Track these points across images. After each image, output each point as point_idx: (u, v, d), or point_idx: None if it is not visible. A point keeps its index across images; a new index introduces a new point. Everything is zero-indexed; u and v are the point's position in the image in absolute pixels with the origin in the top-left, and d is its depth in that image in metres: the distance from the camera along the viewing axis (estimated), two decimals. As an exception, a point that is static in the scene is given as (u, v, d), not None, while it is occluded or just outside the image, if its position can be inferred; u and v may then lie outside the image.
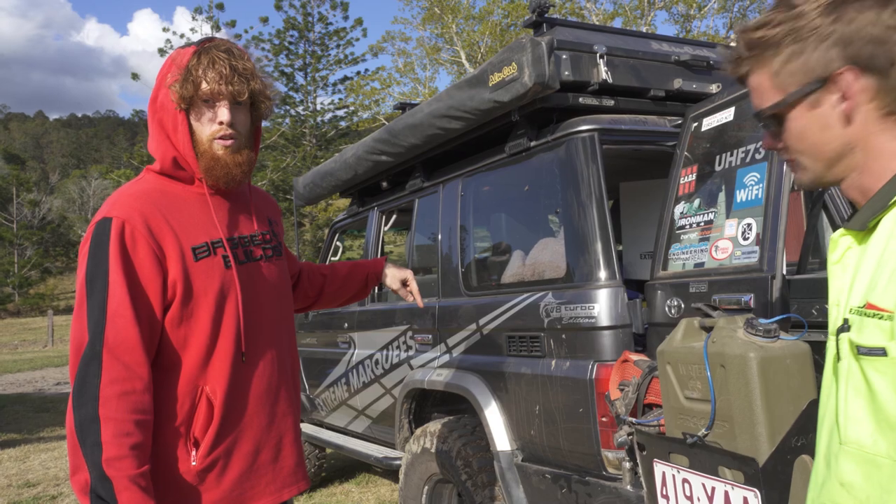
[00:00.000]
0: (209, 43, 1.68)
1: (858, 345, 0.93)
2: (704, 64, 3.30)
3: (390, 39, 25.31)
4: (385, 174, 4.20)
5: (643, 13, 21.50)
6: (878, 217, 0.97)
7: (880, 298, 0.91)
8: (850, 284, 1.00)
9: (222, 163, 1.66)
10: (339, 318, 4.66)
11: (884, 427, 0.91)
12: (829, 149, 1.00)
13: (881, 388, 0.91)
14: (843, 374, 0.98)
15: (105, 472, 1.43)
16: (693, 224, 2.48)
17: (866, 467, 0.93)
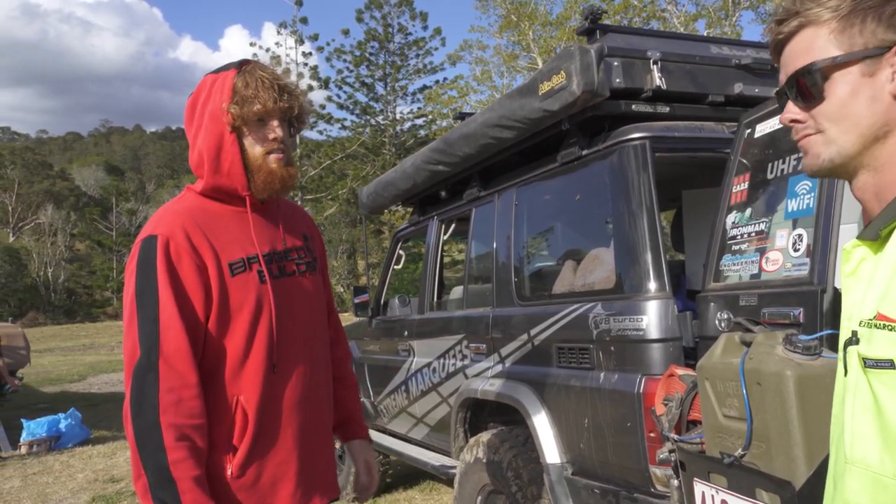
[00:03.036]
0: (249, 65, 1.75)
1: (866, 357, 0.90)
2: (768, 67, 3.18)
3: (468, 48, 25.41)
4: (443, 183, 4.23)
5: (728, 14, 20.79)
6: (891, 225, 0.92)
7: (891, 309, 0.87)
8: (863, 297, 0.95)
9: (279, 176, 1.74)
10: (400, 326, 4.72)
11: (891, 445, 0.86)
12: (868, 123, 0.94)
13: (888, 402, 0.86)
14: (850, 389, 0.94)
15: (171, 475, 1.51)
16: (745, 234, 2.39)
17: (872, 488, 0.89)
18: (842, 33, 0.94)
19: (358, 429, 2.07)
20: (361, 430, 2.08)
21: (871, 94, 0.93)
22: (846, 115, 0.95)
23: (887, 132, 0.93)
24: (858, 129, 0.94)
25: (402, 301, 5.13)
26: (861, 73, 0.94)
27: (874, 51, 0.92)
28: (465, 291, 4.13)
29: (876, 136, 0.94)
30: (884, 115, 0.93)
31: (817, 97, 0.97)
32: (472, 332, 3.76)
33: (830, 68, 0.95)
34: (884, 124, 0.93)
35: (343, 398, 2.02)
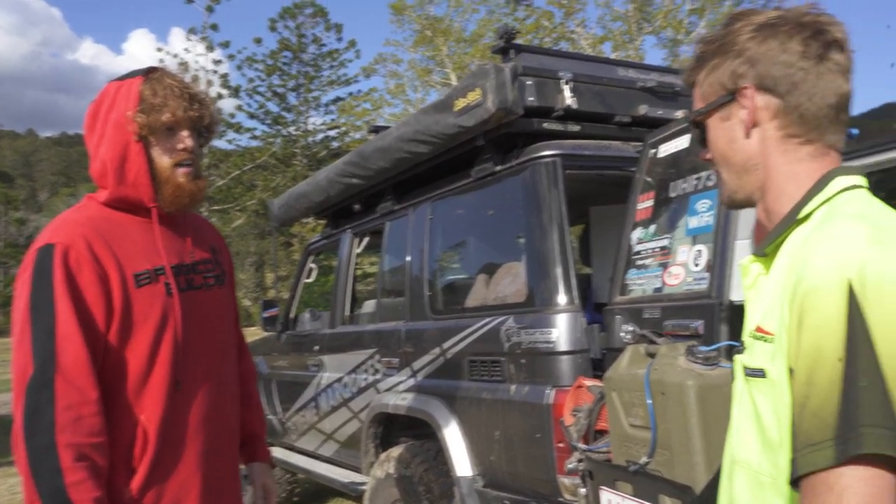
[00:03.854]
0: (156, 72, 1.69)
1: (746, 366, 0.98)
2: (670, 90, 3.34)
3: (382, 61, 25.41)
4: (357, 196, 4.20)
5: (632, 38, 21.73)
6: (777, 242, 1.00)
7: (768, 321, 0.94)
8: (752, 313, 1.03)
9: (187, 190, 1.69)
10: (311, 341, 4.63)
11: (765, 447, 0.93)
12: (735, 161, 1.04)
13: (763, 409, 0.93)
14: (737, 395, 1.02)
15: (69, 498, 1.41)
16: (649, 250, 2.49)
17: (753, 486, 0.97)
18: (701, 87, 1.07)
19: (260, 451, 1.99)
20: (263, 453, 1.99)
21: (729, 136, 1.04)
22: (721, 157, 1.07)
23: (755, 164, 1.03)
24: (733, 167, 1.05)
25: (312, 315, 5.04)
26: (720, 120, 1.05)
27: (720, 100, 1.04)
28: (378, 305, 4.10)
29: (745, 169, 1.04)
30: (745, 152, 1.03)
31: (704, 144, 1.10)
32: (385, 347, 3.74)
33: (698, 120, 1.09)
34: (747, 158, 1.03)
35: (247, 417, 1.93)
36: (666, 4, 21.40)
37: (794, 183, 1.00)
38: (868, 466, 0.76)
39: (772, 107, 1.00)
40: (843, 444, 0.77)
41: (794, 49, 0.98)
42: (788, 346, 0.87)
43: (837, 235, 0.87)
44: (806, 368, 0.83)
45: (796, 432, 0.82)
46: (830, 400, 0.79)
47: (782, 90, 0.99)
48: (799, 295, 0.86)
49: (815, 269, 0.85)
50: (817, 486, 0.79)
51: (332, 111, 28.22)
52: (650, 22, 21.60)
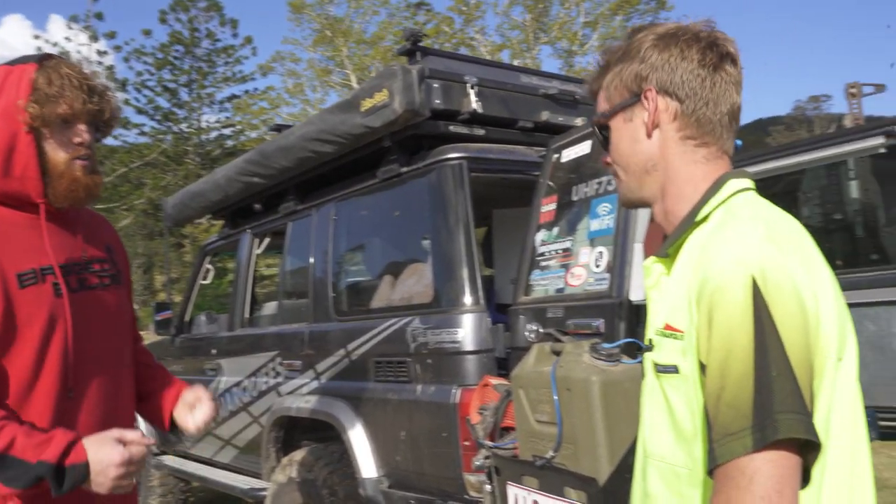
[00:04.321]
0: (52, 60, 1.59)
1: (657, 363, 1.01)
2: (571, 98, 3.46)
3: (280, 59, 24.86)
4: (257, 196, 4.09)
5: (529, 47, 22.33)
6: (678, 242, 1.06)
7: (674, 319, 0.99)
8: (657, 311, 1.08)
9: (83, 184, 1.59)
10: (208, 344, 4.47)
11: (680, 440, 0.98)
12: (636, 161, 1.10)
13: (676, 403, 0.98)
14: (647, 391, 1.06)
15: None
16: (552, 251, 2.57)
17: (667, 478, 1.00)
18: (606, 91, 1.13)
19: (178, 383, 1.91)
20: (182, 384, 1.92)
21: (632, 137, 1.10)
22: (621, 157, 1.12)
23: (655, 164, 1.09)
24: (633, 168, 1.11)
25: (209, 318, 4.87)
26: (624, 121, 1.11)
27: (625, 102, 1.10)
28: (280, 307, 4.01)
29: (646, 169, 1.09)
30: (646, 152, 1.09)
31: (607, 145, 1.15)
32: (287, 349, 3.66)
33: (602, 121, 1.14)
34: (648, 159, 1.09)
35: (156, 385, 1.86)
36: (561, 16, 22.16)
37: (692, 185, 1.06)
38: (777, 450, 0.82)
39: (671, 109, 1.06)
40: (759, 431, 0.81)
41: (693, 57, 1.05)
42: (699, 343, 0.91)
43: (737, 236, 0.93)
44: (718, 362, 0.87)
45: (713, 423, 0.86)
46: (744, 391, 0.84)
47: (682, 94, 1.06)
48: (706, 293, 0.90)
49: (720, 268, 0.90)
50: (730, 472, 0.83)
51: (227, 109, 27.28)
52: (546, 32, 22.28)
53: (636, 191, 1.12)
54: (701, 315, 0.91)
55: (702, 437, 0.93)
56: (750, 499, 0.81)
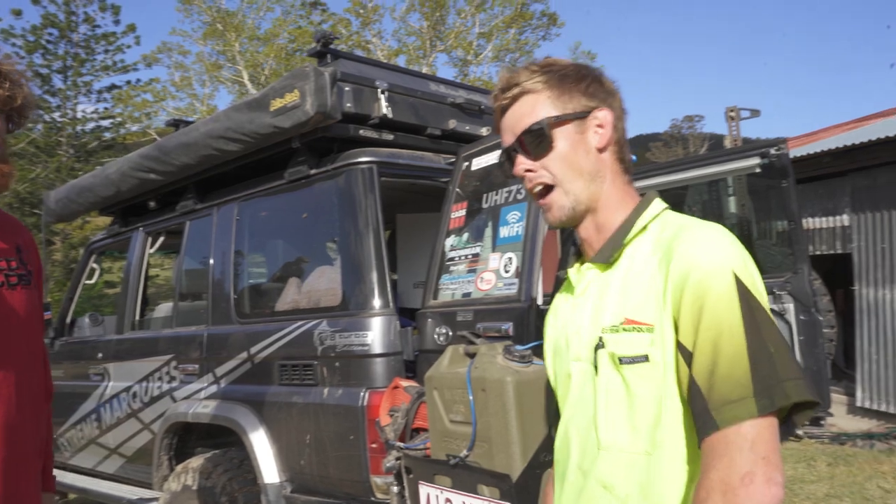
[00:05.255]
0: None
1: (621, 356, 1.07)
2: (477, 108, 3.56)
3: (166, 51, 23.77)
4: (153, 193, 3.93)
5: (425, 53, 22.53)
6: (620, 250, 1.14)
7: (638, 314, 1.07)
8: (596, 311, 1.14)
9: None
10: (92, 348, 4.24)
11: (640, 426, 1.05)
12: (588, 170, 1.16)
13: (641, 390, 1.05)
14: (601, 386, 1.11)
15: None
16: (462, 256, 2.64)
17: (625, 466, 1.07)
18: (557, 99, 1.16)
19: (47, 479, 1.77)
20: (51, 481, 1.79)
21: (584, 148, 1.16)
22: (569, 165, 1.16)
23: (602, 178, 1.17)
24: (581, 177, 1.16)
25: (93, 320, 4.62)
26: (575, 131, 1.16)
27: (581, 113, 1.16)
28: (175, 309, 3.87)
29: (595, 181, 1.16)
30: (596, 163, 1.16)
31: (546, 149, 1.16)
32: (183, 353, 3.54)
33: (554, 124, 1.15)
34: (596, 170, 1.16)
35: None
36: (457, 25, 22.51)
37: (623, 201, 1.18)
38: (773, 416, 0.94)
39: (614, 134, 1.18)
40: (767, 398, 0.93)
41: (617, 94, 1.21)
42: (681, 329, 1.01)
43: (709, 239, 1.04)
44: (710, 342, 0.97)
45: (707, 396, 0.96)
46: (740, 364, 0.95)
47: (620, 124, 1.19)
48: (692, 285, 1.00)
49: (704, 262, 1.01)
50: (730, 437, 0.93)
51: (106, 99, 25.75)
52: (443, 40, 22.56)
53: (583, 201, 1.16)
54: (685, 305, 1.00)
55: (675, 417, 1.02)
56: (754, 458, 0.91)
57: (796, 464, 5.94)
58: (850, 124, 10.86)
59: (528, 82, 1.17)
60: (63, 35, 25.10)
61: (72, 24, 25.09)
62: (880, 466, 5.72)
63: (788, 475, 5.62)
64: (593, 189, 1.16)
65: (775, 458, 0.93)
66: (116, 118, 25.54)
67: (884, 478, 5.44)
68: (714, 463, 0.94)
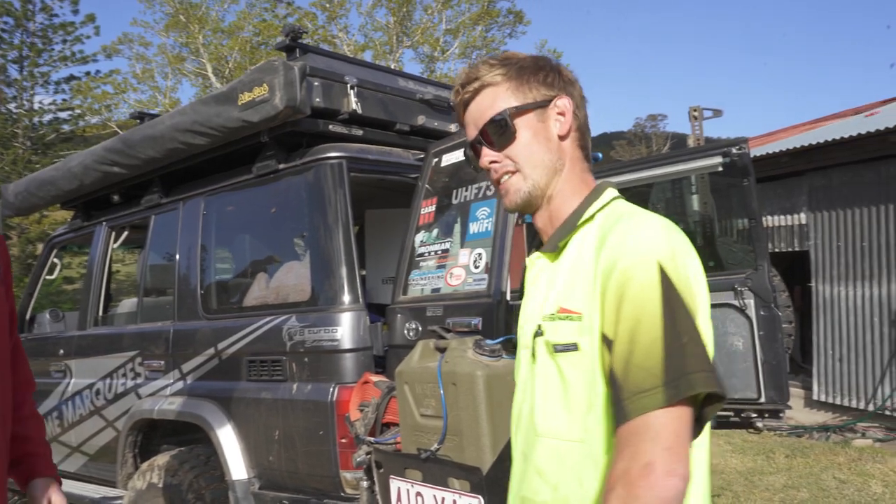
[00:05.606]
0: None
1: (555, 343, 1.09)
2: (446, 104, 3.57)
3: (127, 42, 23.29)
4: (117, 187, 3.87)
5: (392, 49, 22.46)
6: (567, 238, 1.16)
7: (571, 303, 1.08)
8: (545, 297, 1.16)
9: None
10: (54, 344, 4.15)
11: (574, 415, 1.06)
12: (549, 158, 1.17)
13: (574, 379, 1.06)
14: (539, 374, 1.12)
15: None
16: (431, 252, 2.65)
17: (558, 454, 1.08)
18: (517, 90, 1.18)
19: (39, 466, 1.69)
20: (46, 466, 1.70)
21: (545, 136, 1.17)
22: (532, 153, 1.17)
23: (561, 167, 1.18)
24: (543, 164, 1.17)
25: (54, 316, 4.53)
26: (537, 120, 1.18)
27: (541, 102, 1.17)
28: (140, 305, 3.81)
29: (556, 169, 1.18)
30: (557, 151, 1.18)
31: (509, 138, 1.17)
32: (148, 349, 3.49)
33: (515, 114, 1.17)
34: (558, 158, 1.18)
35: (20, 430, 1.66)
36: (424, 22, 22.48)
37: (578, 190, 1.19)
38: (681, 406, 0.93)
39: (574, 122, 1.19)
40: (673, 388, 0.93)
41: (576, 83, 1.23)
42: (605, 318, 1.01)
43: (640, 227, 1.05)
44: (628, 331, 0.98)
45: (622, 385, 0.96)
46: (654, 354, 0.95)
47: (580, 112, 1.21)
48: (615, 274, 1.01)
49: (631, 252, 1.01)
50: (638, 427, 0.93)
51: (64, 91, 25.14)
52: (409, 36, 22.51)
53: (542, 187, 1.17)
54: (609, 293, 1.01)
55: (603, 406, 1.03)
56: (656, 449, 0.91)
57: (756, 456, 6.10)
58: (808, 125, 11.14)
59: (488, 76, 1.19)
60: (19, 24, 24.41)
61: (28, 13, 24.42)
62: (836, 458, 5.91)
63: (748, 467, 5.77)
64: (552, 176, 1.17)
65: (680, 449, 0.92)
66: (75, 110, 24.97)
67: (839, 469, 5.62)
68: (620, 453, 0.95)
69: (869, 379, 7.10)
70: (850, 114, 10.66)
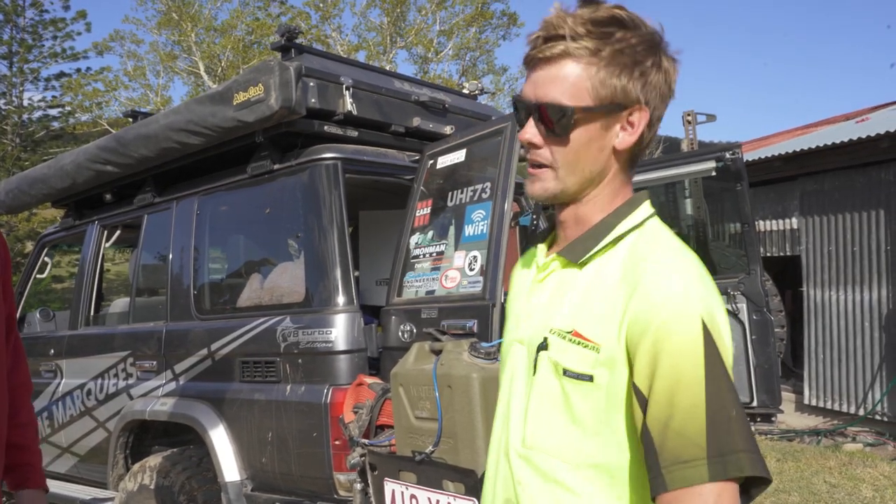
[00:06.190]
0: None
1: (566, 368, 1.00)
2: (441, 106, 3.57)
3: (119, 39, 23.19)
4: (110, 186, 3.85)
5: (386, 49, 22.45)
6: (593, 254, 1.04)
7: (588, 330, 0.99)
8: (549, 305, 1.07)
9: None
10: (44, 345, 4.13)
11: (572, 436, 1.00)
12: (591, 169, 1.03)
13: (579, 406, 0.99)
14: (538, 386, 1.04)
15: None
16: (426, 254, 2.65)
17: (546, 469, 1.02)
18: (599, 81, 0.98)
19: (31, 476, 1.68)
20: (35, 478, 1.69)
21: (601, 145, 1.02)
22: (578, 160, 1.02)
23: (602, 177, 1.05)
24: (583, 173, 1.03)
25: (44, 315, 4.50)
26: (601, 126, 1.01)
27: (617, 107, 0.99)
28: (132, 305, 3.79)
29: (593, 180, 1.04)
30: (604, 164, 1.03)
31: (561, 134, 1.01)
32: (140, 349, 3.48)
33: (582, 118, 0.99)
34: (602, 171, 1.04)
35: (16, 437, 1.64)
36: (418, 22, 22.48)
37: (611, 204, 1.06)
38: (730, 482, 0.87)
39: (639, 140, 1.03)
40: (720, 465, 0.86)
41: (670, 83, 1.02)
42: (638, 370, 0.92)
43: (679, 273, 0.95)
44: (666, 390, 0.89)
45: (659, 450, 0.88)
46: (695, 421, 0.87)
47: (650, 131, 1.04)
48: (653, 324, 0.91)
49: (669, 303, 0.91)
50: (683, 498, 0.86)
51: (54, 87, 24.99)
52: (403, 37, 22.51)
53: (571, 194, 1.05)
54: (643, 346, 0.92)
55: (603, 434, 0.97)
56: None
57: (745, 459, 6.11)
58: (800, 130, 11.21)
59: (575, 44, 0.98)
60: (8, 19, 24.24)
61: (18, 8, 24.26)
62: (826, 462, 5.94)
63: (738, 470, 5.78)
64: (587, 185, 1.05)
65: None
66: (65, 107, 24.83)
67: (830, 473, 5.65)
68: None
69: (860, 383, 7.15)
70: (841, 119, 10.74)
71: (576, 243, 1.06)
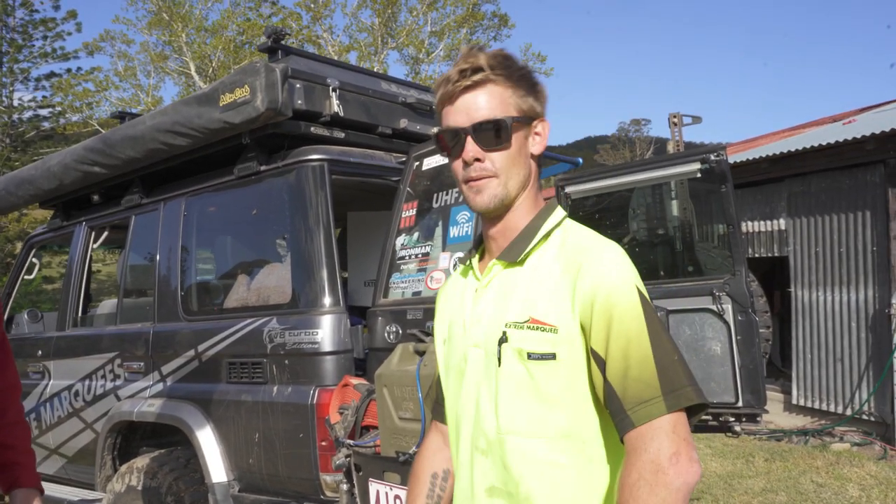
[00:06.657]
0: None
1: (529, 352, 1.15)
2: (428, 108, 3.58)
3: (109, 39, 23.12)
4: (97, 187, 3.84)
5: (377, 50, 22.45)
6: (529, 251, 1.21)
7: (543, 315, 1.15)
8: (497, 305, 1.21)
9: None
10: (32, 346, 4.11)
11: (545, 415, 1.14)
12: (524, 174, 1.22)
13: (546, 384, 1.14)
14: (504, 375, 1.17)
15: None
16: (412, 255, 2.66)
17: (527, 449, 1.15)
18: (519, 99, 1.21)
19: (23, 476, 1.66)
20: (28, 478, 1.67)
21: (526, 151, 1.23)
22: (515, 164, 1.21)
23: (528, 181, 1.24)
24: (519, 176, 1.22)
25: (32, 316, 4.49)
26: (523, 135, 1.22)
27: (530, 119, 1.22)
28: (119, 306, 3.79)
29: (524, 183, 1.23)
30: (529, 167, 1.24)
31: (501, 145, 1.19)
32: (128, 350, 3.47)
33: (515, 126, 1.20)
34: (528, 174, 1.24)
35: (3, 437, 1.65)
36: (409, 23, 22.49)
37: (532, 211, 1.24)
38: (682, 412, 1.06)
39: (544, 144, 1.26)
40: (673, 398, 1.05)
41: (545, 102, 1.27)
42: (593, 336, 1.10)
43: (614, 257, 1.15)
44: (621, 349, 1.08)
45: (622, 397, 1.06)
46: (648, 368, 1.06)
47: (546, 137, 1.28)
48: (600, 299, 1.10)
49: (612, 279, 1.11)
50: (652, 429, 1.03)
51: (45, 87, 24.88)
52: (394, 38, 22.51)
53: (512, 198, 1.21)
54: (596, 316, 1.10)
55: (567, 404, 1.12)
56: (679, 440, 1.03)
57: (735, 459, 6.16)
58: (788, 132, 11.28)
59: (492, 73, 1.19)
60: (-1, 19, 24.12)
61: (7, 8, 24.16)
62: (814, 462, 5.98)
63: (728, 470, 5.83)
64: (521, 190, 1.22)
65: (692, 442, 1.05)
66: (56, 107, 24.74)
67: (817, 472, 5.69)
68: (638, 451, 1.04)
69: (847, 383, 7.20)
70: (827, 121, 10.81)
71: (511, 246, 1.23)
